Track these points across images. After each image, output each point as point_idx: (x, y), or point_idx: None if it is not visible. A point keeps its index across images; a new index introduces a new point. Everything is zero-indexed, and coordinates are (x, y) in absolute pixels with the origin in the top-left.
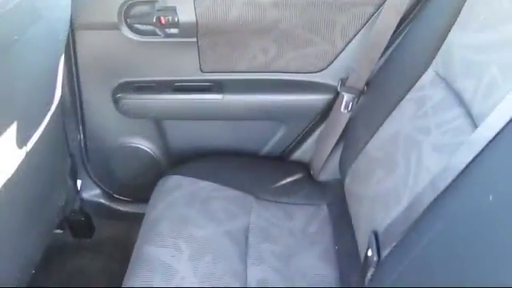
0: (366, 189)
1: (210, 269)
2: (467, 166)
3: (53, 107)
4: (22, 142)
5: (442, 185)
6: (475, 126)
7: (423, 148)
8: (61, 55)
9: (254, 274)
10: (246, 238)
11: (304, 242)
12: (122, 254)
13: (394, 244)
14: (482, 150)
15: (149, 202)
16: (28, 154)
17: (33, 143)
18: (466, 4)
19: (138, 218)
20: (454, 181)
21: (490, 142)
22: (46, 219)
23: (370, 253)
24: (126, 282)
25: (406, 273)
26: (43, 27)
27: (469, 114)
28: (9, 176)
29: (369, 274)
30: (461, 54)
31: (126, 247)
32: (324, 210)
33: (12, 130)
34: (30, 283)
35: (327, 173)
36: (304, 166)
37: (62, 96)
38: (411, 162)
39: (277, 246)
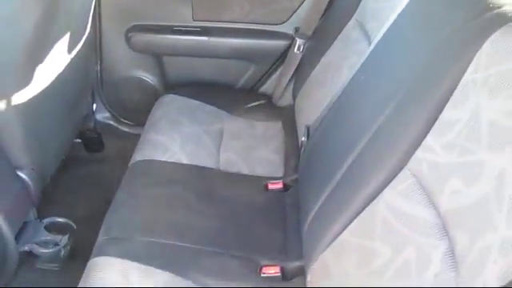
0: (307, 102)
1: (193, 150)
2: (360, 68)
3: (86, 33)
4: (70, 48)
5: (346, 83)
6: None
7: (343, 68)
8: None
9: (224, 156)
10: (221, 136)
11: (261, 142)
12: (125, 164)
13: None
14: (367, 57)
15: (151, 111)
16: (72, 60)
17: (75, 53)
18: None
19: (139, 138)
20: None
21: (371, 52)
22: (76, 117)
23: (303, 138)
24: (135, 156)
25: (317, 141)
26: None
27: (370, 42)
28: (60, 71)
29: (301, 152)
30: (371, 4)
31: (129, 160)
32: (279, 124)
33: (67, 37)
34: (54, 174)
35: (284, 100)
36: (268, 96)
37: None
38: (334, 78)
39: (241, 142)
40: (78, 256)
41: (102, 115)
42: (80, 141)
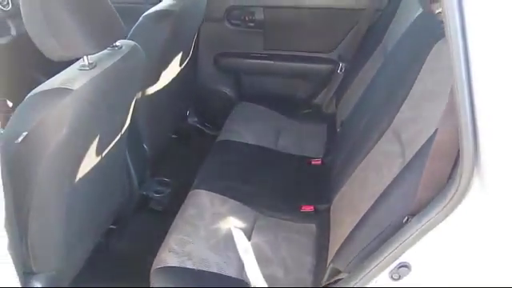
0: (345, 106)
1: (259, 137)
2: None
3: (189, 55)
4: (181, 63)
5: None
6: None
7: (367, 79)
8: (197, 29)
9: (280, 143)
10: (279, 131)
11: (310, 136)
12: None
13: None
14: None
15: (232, 112)
16: (179, 72)
17: (182, 67)
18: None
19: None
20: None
21: (383, 62)
22: (175, 115)
23: (338, 129)
24: (219, 138)
25: (345, 126)
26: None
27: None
28: (173, 77)
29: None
30: (391, 33)
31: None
32: (325, 126)
33: (180, 54)
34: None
35: (329, 108)
36: (317, 106)
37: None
38: (362, 86)
39: (294, 136)
40: (175, 203)
41: (192, 119)
42: (175, 136)
